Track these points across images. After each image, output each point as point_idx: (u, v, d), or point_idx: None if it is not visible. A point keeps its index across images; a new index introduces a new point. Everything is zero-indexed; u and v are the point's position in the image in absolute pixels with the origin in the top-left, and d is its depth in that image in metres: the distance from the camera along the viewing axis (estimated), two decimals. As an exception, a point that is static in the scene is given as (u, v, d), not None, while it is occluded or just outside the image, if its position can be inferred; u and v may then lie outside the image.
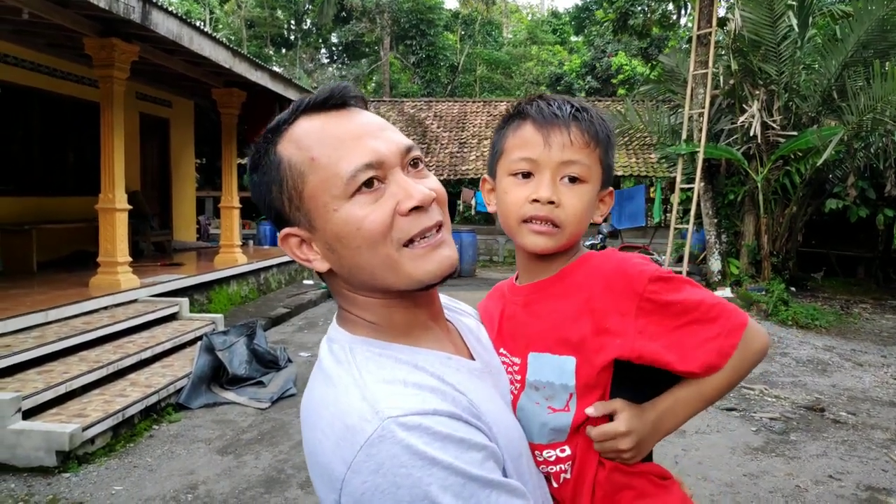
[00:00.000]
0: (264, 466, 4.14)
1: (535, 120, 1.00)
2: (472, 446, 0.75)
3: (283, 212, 0.85)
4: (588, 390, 0.95)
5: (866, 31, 9.67)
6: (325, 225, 0.82)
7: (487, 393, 0.88)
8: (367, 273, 0.83)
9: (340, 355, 0.84)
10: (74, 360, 5.05)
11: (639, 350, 0.92)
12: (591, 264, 1.00)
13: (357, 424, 0.73)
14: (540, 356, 0.98)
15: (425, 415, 0.74)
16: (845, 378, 6.41)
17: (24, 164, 8.78)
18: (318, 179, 0.81)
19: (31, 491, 3.71)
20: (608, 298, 0.94)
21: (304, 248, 0.85)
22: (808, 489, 3.92)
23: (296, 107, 0.85)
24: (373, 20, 28.30)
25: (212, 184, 17.27)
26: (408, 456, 0.71)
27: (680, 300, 0.93)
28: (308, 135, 0.83)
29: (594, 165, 0.99)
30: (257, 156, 0.86)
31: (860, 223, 11.75)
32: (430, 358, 0.85)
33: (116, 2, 5.32)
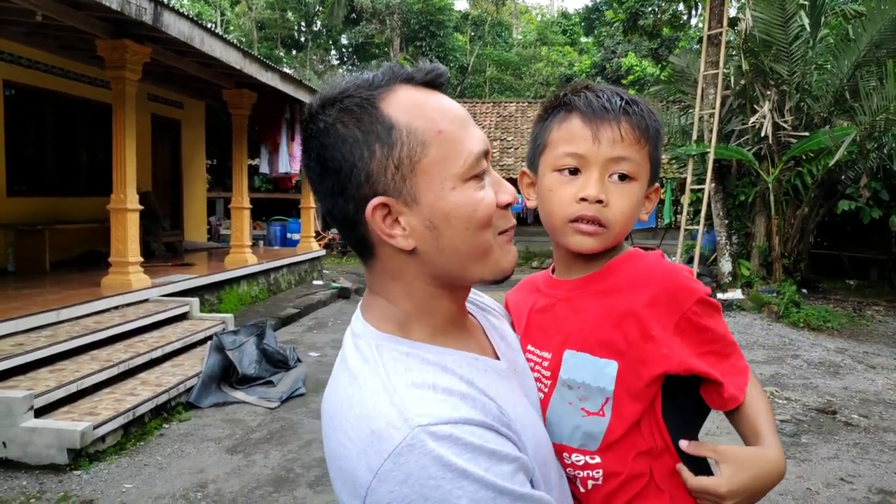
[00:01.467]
0: (273, 466, 4.15)
1: (583, 113, 0.94)
2: (503, 458, 0.72)
3: (377, 175, 0.77)
4: (629, 400, 0.91)
5: (879, 30, 9.59)
6: (435, 201, 0.78)
7: (514, 396, 0.85)
8: (459, 257, 0.80)
9: (367, 353, 0.80)
10: (86, 359, 5.09)
11: (686, 363, 0.89)
12: (639, 266, 0.96)
13: (385, 431, 0.71)
14: (578, 355, 0.94)
15: (456, 424, 0.71)
16: (857, 380, 6.36)
17: (37, 165, 8.87)
18: (440, 154, 0.78)
19: (42, 488, 3.74)
20: (654, 307, 0.91)
21: (387, 221, 0.78)
22: (819, 492, 3.89)
23: (392, 73, 0.81)
24: (383, 22, 28.35)
25: (222, 185, 17.36)
26: (437, 467, 0.68)
27: (712, 328, 0.92)
28: (426, 105, 0.79)
29: (644, 162, 0.95)
30: (350, 107, 0.78)
31: (873, 225, 11.64)
32: (458, 359, 0.81)
33: (128, 3, 5.36)
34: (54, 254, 8.18)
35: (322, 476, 4.00)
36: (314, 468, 4.12)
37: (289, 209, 17.38)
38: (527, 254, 17.46)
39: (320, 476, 4.00)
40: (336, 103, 0.79)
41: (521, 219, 17.06)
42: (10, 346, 4.76)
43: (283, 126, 10.19)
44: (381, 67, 0.83)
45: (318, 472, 4.05)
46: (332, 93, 0.80)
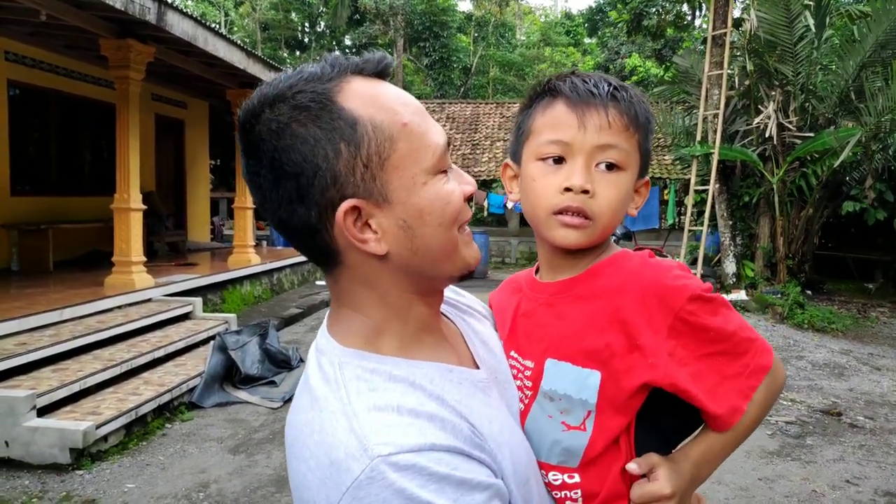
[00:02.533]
0: (275, 466, 4.14)
1: (568, 98, 0.88)
2: (473, 487, 0.66)
3: (345, 176, 0.70)
4: (611, 413, 0.85)
5: (885, 31, 9.56)
6: (408, 198, 0.73)
7: (491, 410, 0.79)
8: (431, 257, 0.76)
9: (329, 372, 0.74)
10: (88, 359, 5.09)
11: (671, 377, 0.82)
12: (625, 267, 0.89)
13: (343, 462, 0.65)
14: (559, 364, 0.87)
15: (421, 452, 0.65)
16: (863, 382, 6.32)
17: (41, 164, 8.89)
18: (408, 148, 0.73)
19: (44, 488, 3.74)
20: (642, 311, 0.84)
21: (357, 225, 0.72)
22: (824, 494, 3.86)
23: (339, 64, 0.74)
24: (386, 22, 28.36)
25: (226, 185, 17.38)
26: (400, 501, 0.62)
27: (715, 326, 0.84)
28: (386, 97, 0.74)
29: (633, 151, 0.89)
30: (304, 104, 0.71)
31: (878, 226, 11.59)
32: (429, 372, 0.75)
33: (132, 2, 5.36)
34: (58, 253, 8.19)
35: (324, 476, 3.98)
36: (317, 468, 4.10)
37: (292, 209, 17.36)
38: (530, 254, 17.44)
39: (323, 476, 3.99)
40: (286, 101, 0.71)
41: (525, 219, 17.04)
42: (13, 346, 4.76)
43: (287, 126, 10.18)
44: (323, 58, 0.76)
45: (321, 473, 4.04)
46: (276, 89, 0.72)
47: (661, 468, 0.84)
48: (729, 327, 0.85)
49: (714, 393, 0.84)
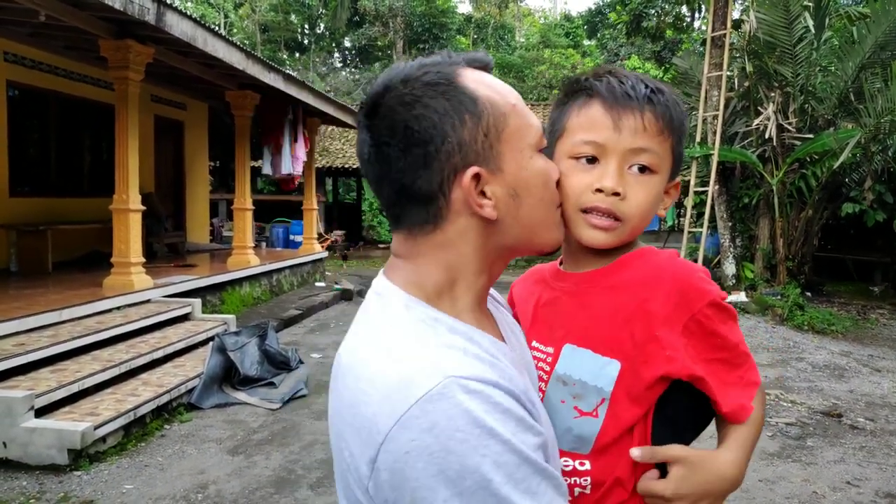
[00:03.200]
0: (275, 467, 4.13)
1: (604, 99, 0.90)
2: (528, 428, 0.70)
3: (469, 144, 0.76)
4: (627, 402, 0.87)
5: (884, 32, 9.57)
6: (517, 170, 0.80)
7: (526, 384, 0.82)
8: (531, 227, 0.83)
9: (396, 309, 0.78)
10: (87, 360, 5.07)
11: (690, 368, 0.86)
12: (651, 263, 0.92)
13: (415, 377, 0.67)
14: (578, 350, 0.90)
15: (487, 384, 0.68)
16: (863, 383, 6.31)
17: (40, 165, 8.87)
18: (517, 125, 0.80)
19: (42, 489, 3.72)
20: (665, 304, 0.86)
21: (476, 192, 0.78)
22: (825, 495, 3.85)
23: (452, 58, 0.82)
24: (386, 24, 28.37)
25: (226, 186, 17.37)
26: (466, 420, 0.64)
27: (724, 334, 0.88)
28: (496, 83, 0.82)
29: (666, 155, 0.91)
30: (433, 81, 0.78)
31: (877, 227, 11.59)
32: (482, 336, 0.79)
33: (131, 3, 5.35)
34: (57, 254, 8.17)
35: (324, 477, 3.97)
36: (316, 470, 4.09)
37: (291, 211, 17.37)
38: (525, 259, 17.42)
39: (322, 477, 3.97)
40: (417, 79, 0.78)
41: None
42: (11, 346, 4.75)
43: (286, 127, 10.18)
44: (437, 54, 0.83)
45: (320, 474, 4.03)
46: (405, 71, 0.80)
47: (676, 468, 0.85)
48: (733, 338, 0.89)
49: (724, 392, 0.88)
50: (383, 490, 0.67)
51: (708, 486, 0.86)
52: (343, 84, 31.34)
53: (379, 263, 16.87)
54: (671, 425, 0.89)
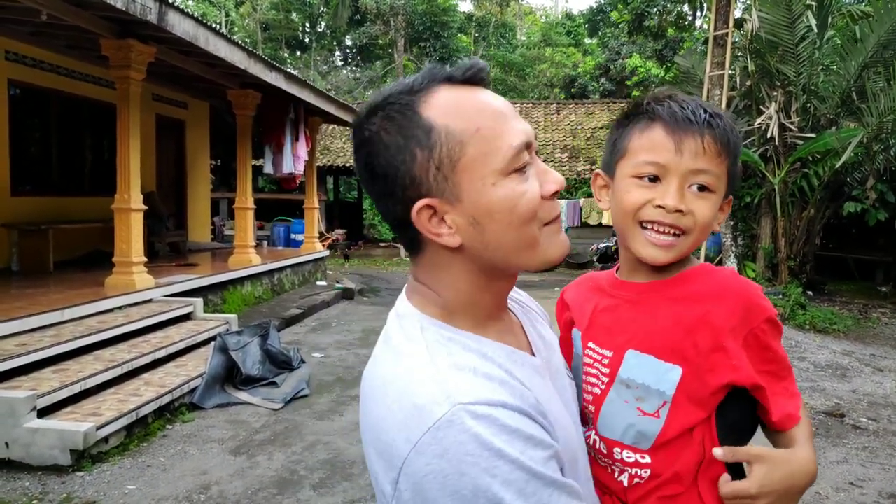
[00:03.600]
0: (277, 467, 4.13)
1: (666, 123, 0.96)
2: (538, 443, 0.74)
3: (420, 178, 0.79)
4: (689, 405, 0.93)
5: (887, 31, 9.55)
6: (477, 198, 0.79)
7: (549, 392, 0.86)
8: (504, 251, 0.82)
9: (412, 332, 0.82)
10: (89, 359, 5.07)
11: (753, 378, 0.92)
12: (716, 279, 0.98)
13: (427, 405, 0.72)
14: (641, 356, 0.96)
15: (495, 406, 0.73)
16: (865, 383, 6.31)
17: (42, 164, 8.88)
18: (478, 152, 0.79)
19: (45, 489, 3.72)
20: (730, 318, 0.93)
21: (433, 221, 0.80)
22: (828, 496, 3.85)
23: (432, 75, 0.82)
24: (387, 23, 28.34)
25: (227, 185, 17.36)
26: (475, 445, 0.69)
27: (775, 348, 0.95)
28: (465, 104, 0.81)
29: (722, 175, 0.97)
30: (392, 114, 0.80)
31: (879, 227, 11.58)
32: (497, 350, 0.83)
33: (133, 2, 5.34)
34: (58, 253, 8.17)
35: (326, 478, 3.97)
36: (318, 470, 4.09)
37: (293, 210, 17.37)
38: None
39: (324, 478, 3.97)
40: (379, 111, 0.81)
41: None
42: (13, 346, 4.75)
43: (288, 126, 10.17)
44: (423, 70, 0.84)
45: (322, 474, 4.03)
46: (376, 100, 0.83)
47: (758, 466, 0.89)
48: (782, 352, 0.96)
49: (774, 401, 0.95)
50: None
51: (791, 482, 0.90)
52: (344, 82, 31.34)
53: (380, 262, 16.87)
54: (733, 431, 0.95)
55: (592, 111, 19.29)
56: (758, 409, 0.97)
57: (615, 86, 26.33)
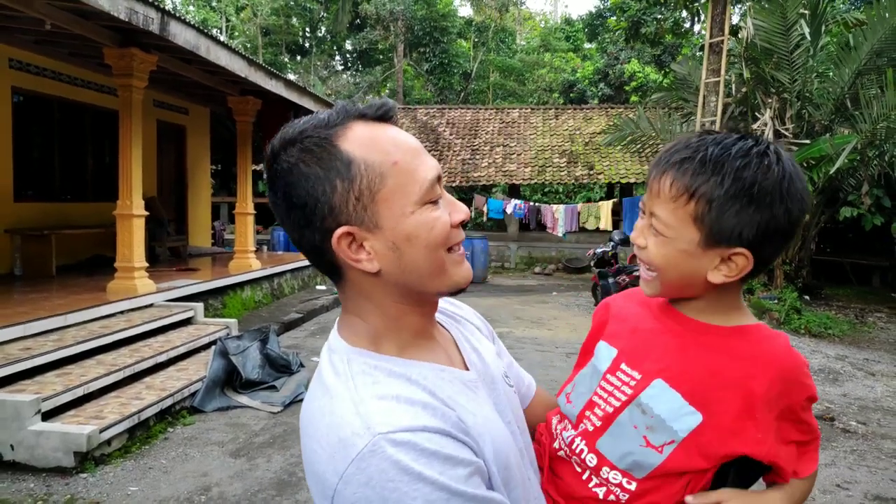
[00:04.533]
0: (276, 469, 4.21)
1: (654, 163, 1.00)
2: (458, 463, 0.78)
3: (340, 207, 0.83)
4: (695, 453, 0.93)
5: (880, 39, 9.66)
6: (395, 225, 0.84)
7: (477, 404, 0.90)
8: (419, 274, 0.87)
9: (339, 367, 0.87)
10: (92, 364, 5.16)
11: (773, 455, 0.92)
12: (766, 344, 0.95)
13: (350, 438, 0.77)
14: (668, 390, 0.94)
15: (414, 431, 0.77)
16: (857, 387, 6.39)
17: (44, 170, 8.97)
18: (397, 184, 0.84)
19: (49, 490, 3.81)
20: (770, 389, 0.91)
21: (352, 247, 0.85)
22: (814, 498, 3.92)
23: (345, 112, 0.87)
24: (387, 28, 28.49)
25: (227, 189, 17.48)
26: (396, 471, 0.74)
27: (808, 422, 0.97)
28: (381, 139, 0.85)
29: (679, 223, 0.93)
30: (310, 147, 0.84)
31: (875, 231, 11.69)
32: (423, 371, 0.87)
33: (136, 13, 5.45)
34: (60, 258, 8.27)
35: (324, 480, 4.05)
36: (316, 472, 4.17)
37: (292, 214, 17.47)
38: (529, 259, 17.50)
39: (322, 480, 4.05)
40: (296, 143, 0.85)
41: (524, 224, 17.12)
42: (17, 351, 4.84)
43: (288, 132, 10.26)
44: (335, 107, 0.89)
45: (320, 476, 4.11)
46: (291, 134, 0.86)
47: (734, 500, 0.93)
48: (814, 423, 0.98)
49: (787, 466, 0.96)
50: None
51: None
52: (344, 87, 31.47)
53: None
54: (723, 481, 0.96)
55: (591, 116, 19.39)
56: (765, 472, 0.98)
57: (614, 91, 26.47)
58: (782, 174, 0.90)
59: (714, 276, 0.93)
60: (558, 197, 22.44)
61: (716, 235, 0.91)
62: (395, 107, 0.91)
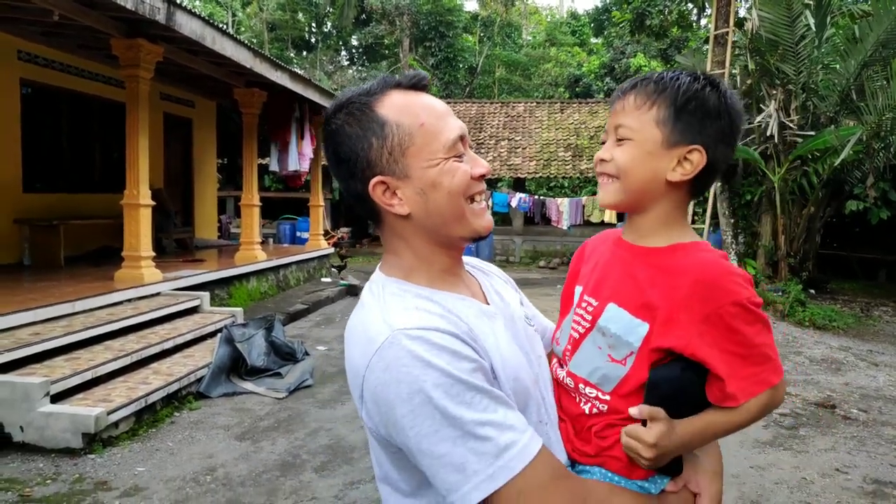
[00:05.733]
0: (280, 452, 4.27)
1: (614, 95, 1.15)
2: (463, 358, 0.92)
3: (376, 161, 1.01)
4: (647, 358, 1.04)
5: (886, 30, 9.61)
6: (423, 174, 1.01)
7: (490, 328, 1.04)
8: (442, 217, 1.03)
9: (375, 289, 1.06)
10: (100, 349, 5.23)
11: (693, 349, 1.00)
12: (696, 257, 1.05)
13: (374, 336, 0.94)
14: (619, 310, 1.07)
15: (427, 329, 0.93)
16: (859, 377, 6.40)
17: (53, 161, 9.05)
18: (423, 141, 1.01)
19: (58, 470, 3.88)
20: (690, 296, 1.01)
21: (387, 194, 1.02)
22: (813, 481, 3.96)
23: (385, 82, 1.05)
24: (392, 22, 28.47)
25: (233, 183, 17.54)
26: (409, 358, 0.90)
27: (744, 332, 0.99)
28: (412, 104, 1.03)
29: (643, 126, 1.07)
30: (353, 111, 1.03)
31: (882, 225, 11.65)
32: (446, 296, 1.04)
33: (142, 2, 5.50)
34: (69, 249, 8.34)
35: (328, 462, 4.12)
36: (320, 454, 4.24)
37: (298, 208, 17.55)
38: (534, 252, 17.53)
39: (326, 462, 4.12)
40: (343, 108, 1.04)
41: (529, 218, 17.14)
42: (27, 335, 4.91)
43: (293, 125, 10.32)
44: (376, 78, 1.06)
45: (324, 458, 4.17)
46: (340, 101, 1.06)
47: (659, 423, 1.00)
48: (756, 340, 1.01)
49: (729, 380, 0.99)
50: (372, 415, 0.96)
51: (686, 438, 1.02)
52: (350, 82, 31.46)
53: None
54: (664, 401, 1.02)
55: (596, 110, 19.37)
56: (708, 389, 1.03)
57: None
58: (725, 91, 1.08)
59: (673, 175, 1.07)
60: (563, 191, 22.40)
61: (676, 134, 1.06)
62: (427, 77, 1.09)
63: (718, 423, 1.03)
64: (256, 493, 3.70)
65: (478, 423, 0.89)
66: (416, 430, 0.89)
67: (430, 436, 0.89)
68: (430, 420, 0.89)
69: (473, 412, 0.89)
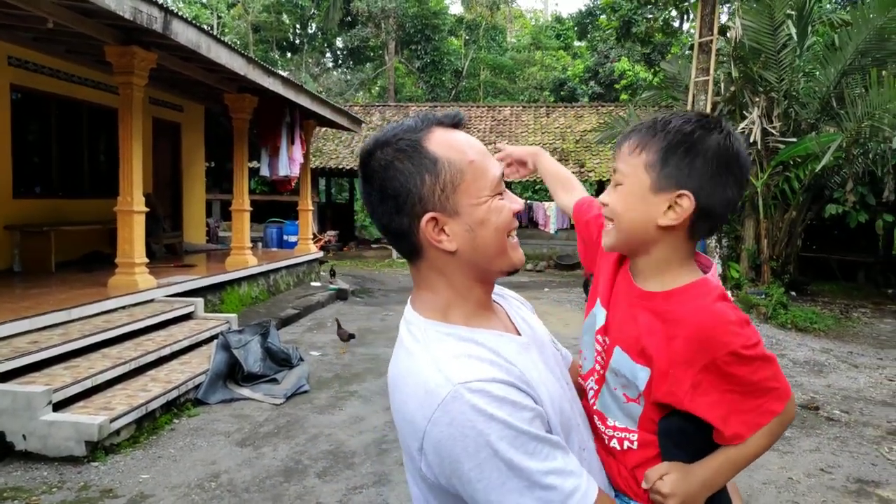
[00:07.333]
0: (282, 457, 4.34)
1: None
2: (522, 408, 0.95)
3: (428, 197, 1.02)
4: (653, 404, 1.08)
5: (864, 39, 9.89)
6: (473, 211, 1.03)
7: (532, 362, 1.07)
8: (487, 253, 1.05)
9: (417, 334, 1.05)
10: (97, 357, 5.26)
11: (687, 405, 1.03)
12: (693, 304, 1.05)
13: (434, 389, 0.95)
14: (623, 354, 1.10)
15: (486, 381, 0.94)
16: (840, 378, 6.60)
17: (43, 167, 9.02)
18: (472, 178, 1.04)
19: (63, 478, 3.92)
20: (686, 349, 1.02)
21: (436, 230, 1.03)
22: (800, 481, 4.11)
23: (427, 119, 1.07)
24: (378, 25, 28.53)
25: (219, 187, 17.51)
26: (473, 412, 0.91)
27: (741, 375, 1.01)
28: (458, 142, 1.05)
29: (634, 170, 1.09)
30: (403, 147, 1.03)
31: (860, 228, 11.93)
32: (486, 335, 1.05)
33: (140, 13, 5.54)
34: (59, 255, 8.32)
35: (329, 467, 4.19)
36: (321, 460, 4.31)
37: (284, 212, 17.55)
38: (533, 256, 17.68)
39: (328, 467, 4.20)
40: (390, 144, 1.04)
41: (516, 221, 17.26)
42: (25, 344, 4.93)
43: (284, 130, 10.36)
44: (417, 115, 1.08)
45: (326, 464, 4.25)
46: (385, 137, 1.06)
47: (671, 474, 1.05)
48: (755, 378, 1.02)
49: (725, 420, 1.03)
50: (433, 467, 0.96)
51: (707, 478, 1.06)
52: (335, 84, 31.49)
53: (372, 263, 17.05)
54: (681, 448, 1.07)
55: (581, 114, 19.58)
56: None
57: (604, 89, 26.68)
58: (722, 133, 1.07)
59: (664, 220, 1.07)
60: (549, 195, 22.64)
61: (662, 180, 1.07)
62: (464, 116, 1.12)
63: (734, 457, 1.05)
64: (262, 498, 3.77)
65: (543, 473, 0.92)
66: (485, 483, 0.91)
67: (498, 488, 0.91)
68: (497, 472, 0.91)
69: (537, 461, 0.92)
